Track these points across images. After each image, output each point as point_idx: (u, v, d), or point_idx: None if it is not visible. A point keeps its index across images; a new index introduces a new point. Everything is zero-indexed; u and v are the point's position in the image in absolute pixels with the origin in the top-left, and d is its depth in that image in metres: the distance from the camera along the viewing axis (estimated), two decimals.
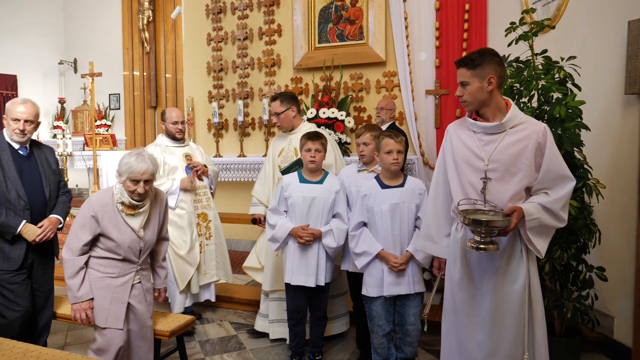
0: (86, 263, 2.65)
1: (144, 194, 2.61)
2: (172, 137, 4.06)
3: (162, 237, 2.94)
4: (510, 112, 2.25)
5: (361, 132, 3.20)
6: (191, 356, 3.48)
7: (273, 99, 3.72)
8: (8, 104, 3.02)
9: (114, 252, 2.64)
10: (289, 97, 3.70)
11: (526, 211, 2.17)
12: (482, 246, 2.15)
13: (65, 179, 5.47)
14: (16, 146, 3.02)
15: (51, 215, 3.04)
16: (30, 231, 2.91)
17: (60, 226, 3.07)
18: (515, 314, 2.26)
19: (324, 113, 5.72)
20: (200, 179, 4.05)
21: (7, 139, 3.02)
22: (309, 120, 5.83)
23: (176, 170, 3.96)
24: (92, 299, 2.62)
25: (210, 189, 4.17)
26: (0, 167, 2.94)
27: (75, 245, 2.61)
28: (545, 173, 2.21)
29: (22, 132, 2.97)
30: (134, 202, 2.63)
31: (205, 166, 4.08)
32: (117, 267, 2.67)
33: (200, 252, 4.00)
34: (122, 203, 2.63)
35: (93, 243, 2.67)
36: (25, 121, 2.97)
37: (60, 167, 3.30)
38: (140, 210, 2.67)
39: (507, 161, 2.22)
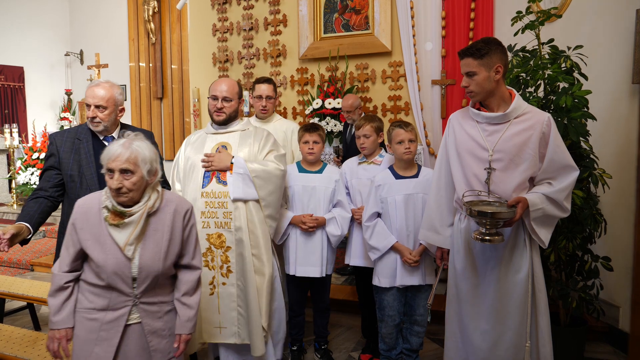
0: (77, 284, 2.04)
1: (121, 191, 1.91)
2: (212, 119, 2.90)
3: (183, 265, 2.12)
4: (515, 102, 2.24)
5: (361, 124, 3.10)
6: None
7: (268, 81, 3.53)
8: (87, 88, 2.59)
9: (98, 275, 1.97)
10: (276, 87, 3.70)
11: (531, 202, 2.17)
12: (487, 238, 2.16)
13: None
14: (101, 136, 2.56)
15: None
16: None
17: None
18: (519, 304, 2.27)
19: (329, 103, 5.73)
20: (223, 178, 2.76)
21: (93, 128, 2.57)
22: (315, 110, 5.85)
23: (194, 168, 2.82)
24: (71, 328, 1.99)
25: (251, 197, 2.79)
26: (77, 162, 2.53)
27: (64, 259, 2.01)
28: (549, 163, 2.21)
29: (93, 119, 2.51)
30: (118, 206, 1.93)
31: (232, 162, 2.76)
32: (106, 297, 1.98)
33: (211, 294, 2.78)
34: (107, 208, 1.95)
35: (86, 260, 2.03)
36: (96, 107, 2.50)
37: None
38: (127, 220, 1.93)
39: (512, 151, 2.22)
